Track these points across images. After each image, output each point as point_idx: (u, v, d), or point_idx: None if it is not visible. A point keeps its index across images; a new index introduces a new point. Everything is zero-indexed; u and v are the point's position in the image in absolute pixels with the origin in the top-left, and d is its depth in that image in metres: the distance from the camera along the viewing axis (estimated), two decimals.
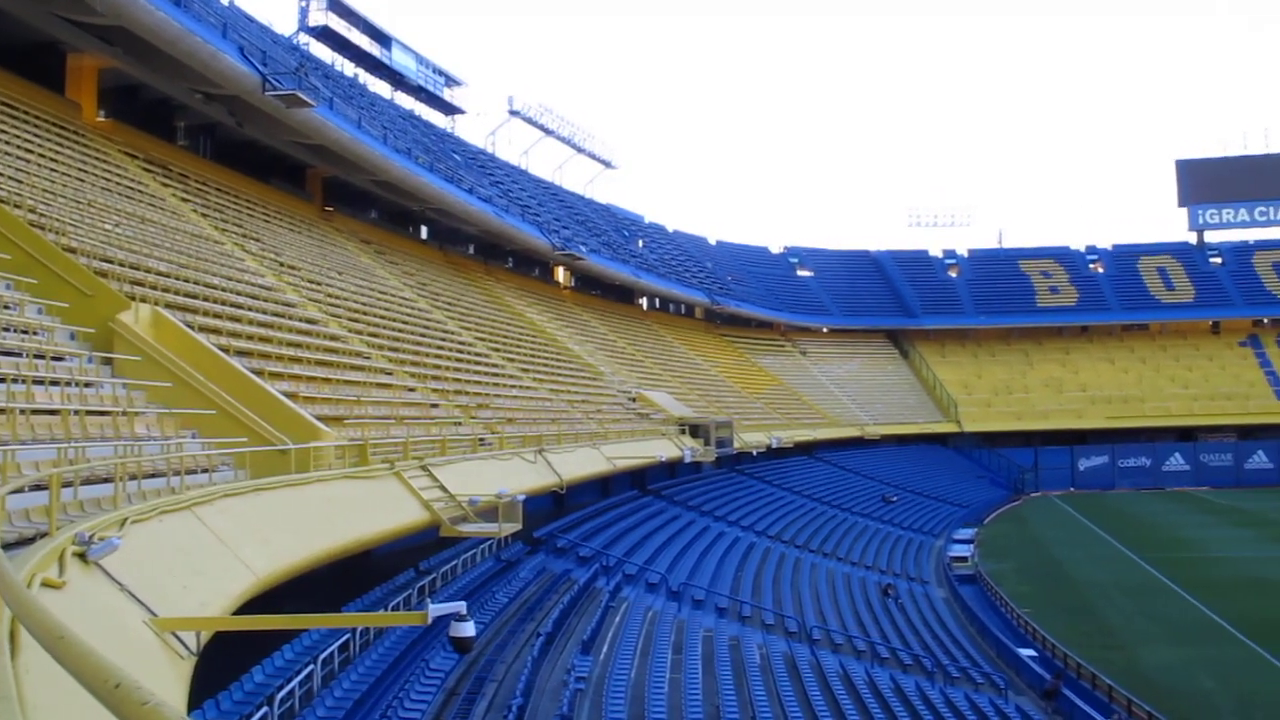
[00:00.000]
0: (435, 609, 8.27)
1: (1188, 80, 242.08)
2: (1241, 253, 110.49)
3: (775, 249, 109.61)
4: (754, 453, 56.56)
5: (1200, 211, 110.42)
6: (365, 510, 16.45)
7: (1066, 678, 29.43)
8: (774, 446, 58.09)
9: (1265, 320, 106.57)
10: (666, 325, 75.93)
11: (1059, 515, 72.60)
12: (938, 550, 55.50)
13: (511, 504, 19.87)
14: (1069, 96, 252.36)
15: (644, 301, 77.24)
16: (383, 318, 31.84)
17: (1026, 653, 33.01)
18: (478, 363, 35.92)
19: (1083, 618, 38.72)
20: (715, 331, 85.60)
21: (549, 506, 33.15)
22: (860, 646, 32.14)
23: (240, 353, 19.63)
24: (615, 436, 37.11)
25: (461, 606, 8.68)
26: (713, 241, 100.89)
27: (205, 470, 13.87)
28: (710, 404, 57.82)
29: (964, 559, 50.40)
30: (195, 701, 11.43)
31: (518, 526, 20.69)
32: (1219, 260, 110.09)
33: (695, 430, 46.04)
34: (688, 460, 43.24)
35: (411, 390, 27.35)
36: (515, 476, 23.39)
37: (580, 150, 78.20)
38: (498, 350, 39.45)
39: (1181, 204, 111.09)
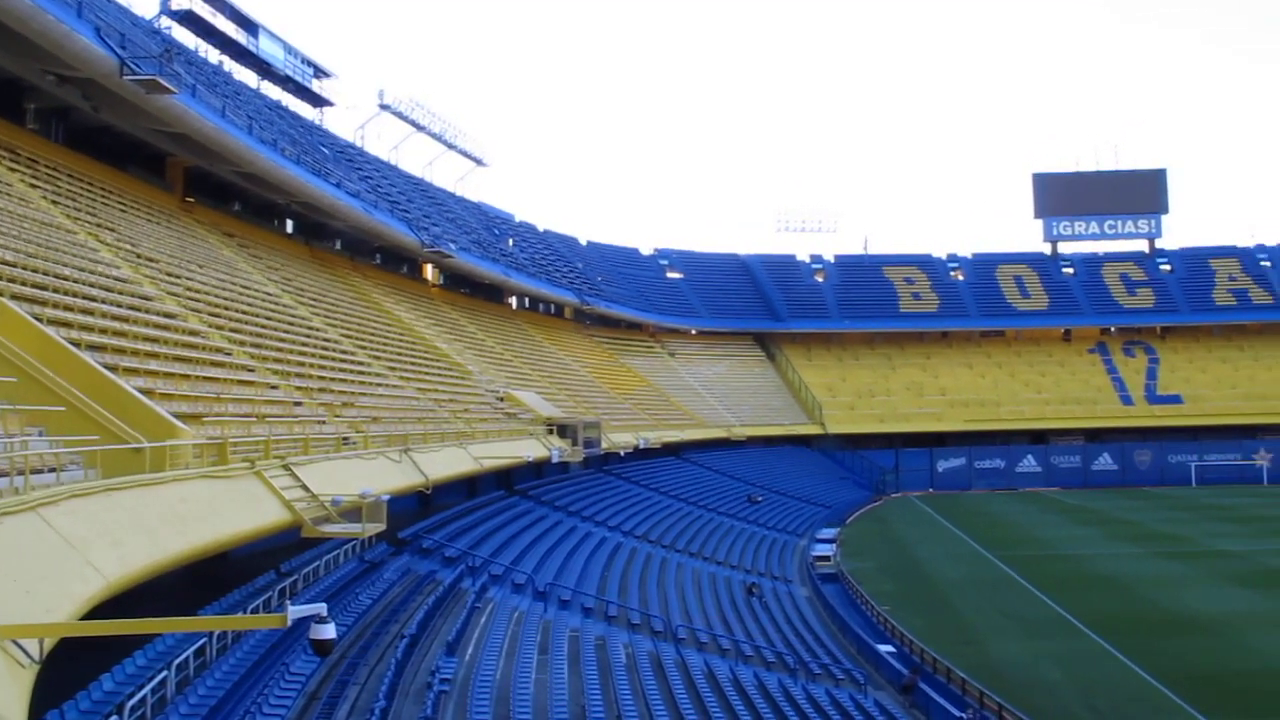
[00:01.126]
0: (295, 611, 8.09)
1: (1047, 97, 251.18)
2: (1092, 264, 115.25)
3: (646, 250, 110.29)
4: (622, 453, 56.78)
5: (1055, 223, 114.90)
6: (224, 511, 15.99)
7: (923, 672, 30.26)
8: (642, 447, 58.39)
9: (1113, 329, 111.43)
10: (536, 325, 75.70)
11: (918, 515, 74.61)
12: (801, 550, 56.51)
13: (375, 504, 19.56)
14: (933, 109, 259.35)
15: (514, 301, 76.84)
16: (245, 313, 31.00)
17: (885, 649, 33.86)
18: (343, 360, 35.26)
19: (939, 614, 39.89)
20: (585, 332, 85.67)
21: (414, 507, 32.75)
22: (725, 645, 32.50)
23: (93, 347, 18.89)
24: (483, 436, 36.85)
25: (322, 608, 8.51)
26: (583, 242, 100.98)
27: (53, 470, 13.29)
28: (579, 404, 57.83)
29: (826, 558, 51.43)
30: (38, 711, 10.94)
31: (382, 527, 20.39)
32: (1071, 271, 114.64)
33: (563, 430, 45.98)
34: (555, 460, 43.16)
35: (274, 388, 26.71)
36: (380, 476, 23.04)
37: (451, 147, 77.40)
38: (364, 348, 38.79)
39: (1037, 216, 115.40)
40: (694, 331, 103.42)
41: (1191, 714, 26.20)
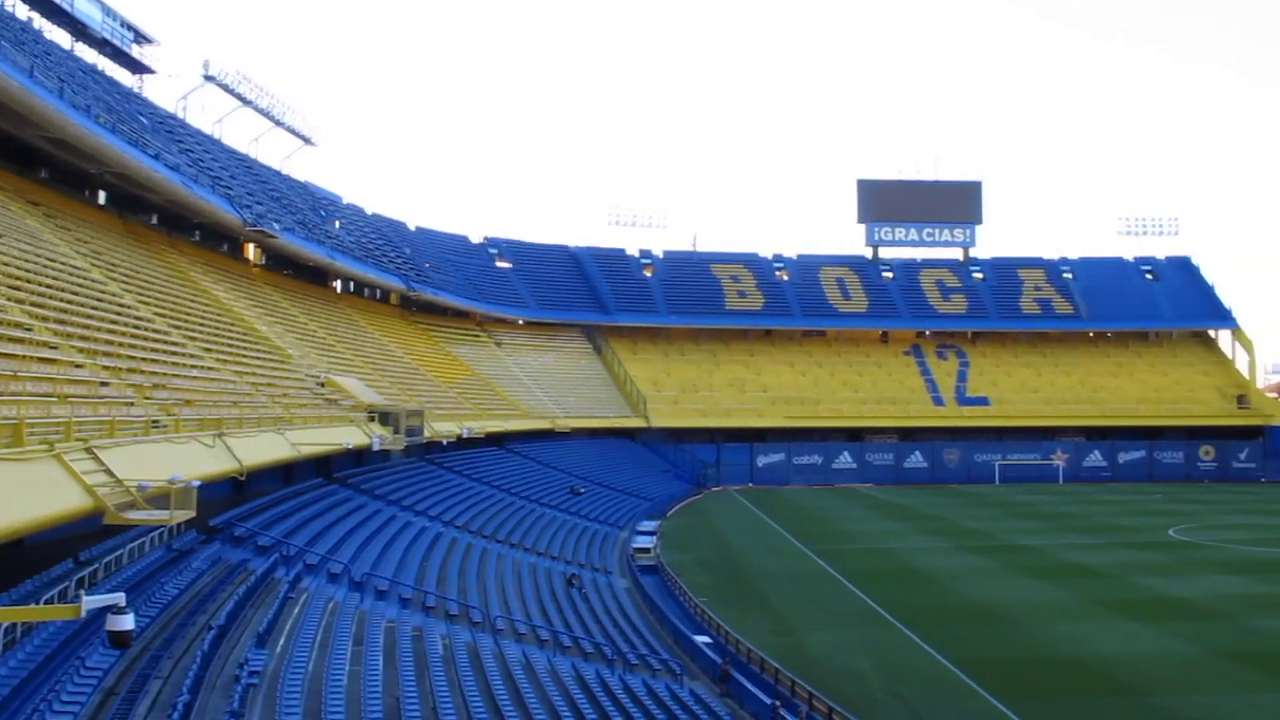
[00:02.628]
0: (90, 601, 7.73)
1: (875, 105, 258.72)
2: (910, 269, 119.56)
3: (475, 239, 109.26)
4: (445, 442, 56.18)
5: (876, 229, 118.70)
6: (17, 495, 15.11)
7: (737, 662, 30.87)
8: (465, 437, 57.92)
9: (927, 332, 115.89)
10: (361, 310, 74.14)
11: (738, 509, 76.11)
12: (622, 541, 56.95)
13: (185, 490, 18.81)
14: (766, 112, 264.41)
15: (338, 284, 75.05)
16: (49, 287, 29.39)
17: (702, 639, 34.45)
18: (156, 340, 33.79)
19: (755, 605, 40.80)
20: (411, 319, 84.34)
21: (228, 494, 31.68)
22: (544, 636, 32.52)
23: None
24: (301, 422, 35.88)
25: (120, 598, 8.16)
26: (412, 227, 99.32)
27: None
28: (402, 392, 56.91)
29: (647, 550, 51.95)
30: None
31: (191, 514, 19.60)
32: (890, 275, 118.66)
33: (385, 418, 45.16)
34: (376, 448, 42.36)
35: (79, 367, 25.41)
36: (191, 461, 22.20)
37: (279, 123, 75.03)
38: (179, 328, 37.28)
39: (860, 220, 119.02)
40: (522, 322, 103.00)
41: (986, 697, 27.50)
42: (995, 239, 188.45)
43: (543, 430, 79.41)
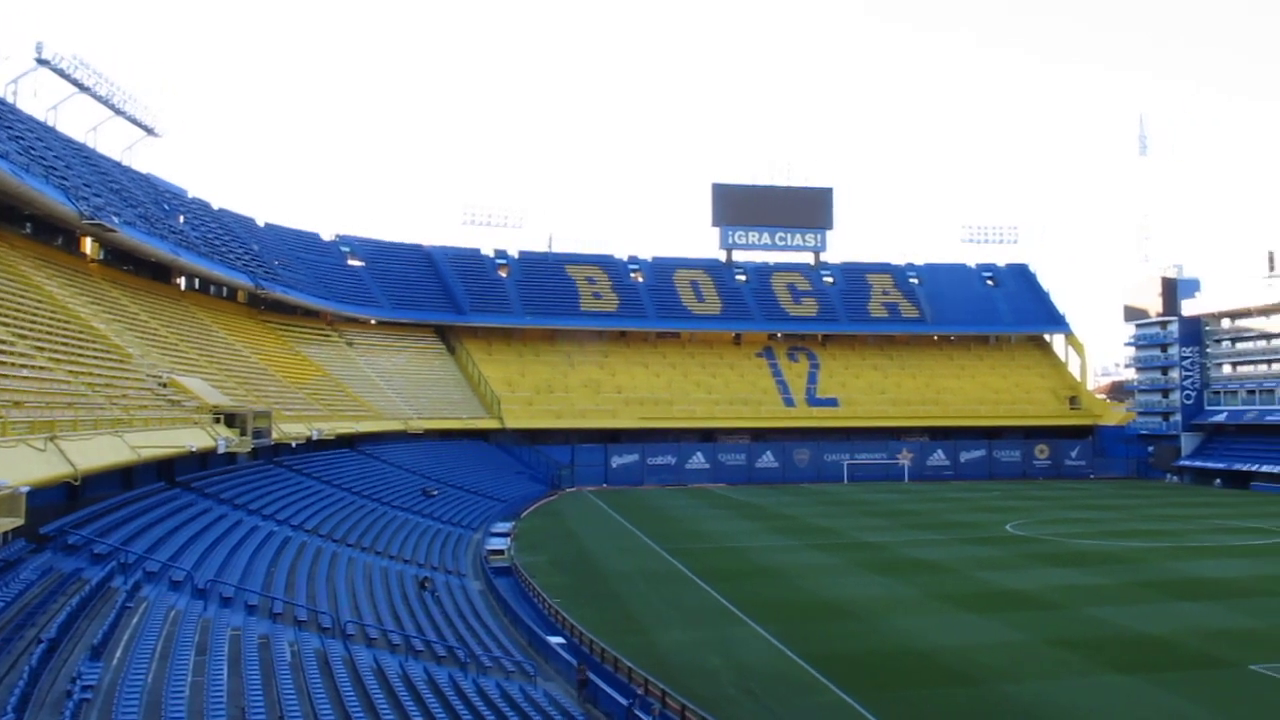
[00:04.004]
0: None
1: (732, 111, 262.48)
2: (763, 273, 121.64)
3: (327, 236, 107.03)
4: (294, 445, 54.87)
5: (730, 232, 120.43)
6: None
7: (591, 662, 30.88)
8: (315, 439, 56.71)
9: (779, 335, 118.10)
10: (206, 308, 71.80)
11: (592, 510, 76.26)
12: (476, 543, 56.50)
13: (13, 497, 17.96)
14: (623, 114, 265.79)
15: (182, 281, 72.51)
16: None
17: (556, 640, 34.39)
18: None
19: (609, 605, 40.91)
20: (259, 317, 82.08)
21: (61, 500, 30.29)
22: (396, 640, 32.00)
23: None
24: (142, 424, 34.57)
25: None
26: (261, 223, 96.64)
27: None
28: (249, 393, 55.33)
29: (500, 552, 51.70)
30: None
31: (19, 521, 18.72)
32: (744, 278, 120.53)
33: (232, 420, 43.85)
34: (222, 451, 41.09)
35: None
36: (20, 466, 21.16)
37: (119, 112, 72.04)
38: (6, 325, 35.52)
39: (714, 224, 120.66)
40: (374, 321, 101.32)
41: (835, 691, 28.12)
42: (846, 244, 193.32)
43: (395, 431, 78.23)
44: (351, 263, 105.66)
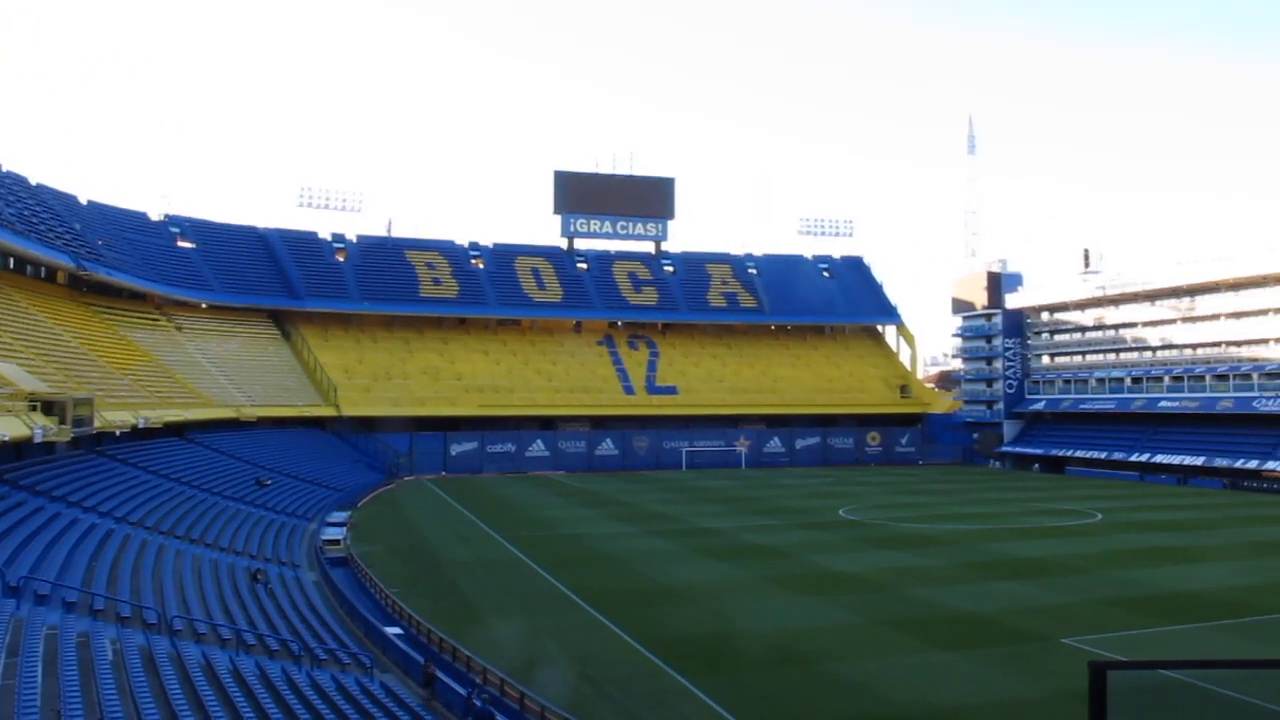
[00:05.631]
0: None
1: (575, 100, 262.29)
2: (604, 261, 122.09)
3: (155, 216, 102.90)
4: (118, 433, 52.70)
5: (572, 220, 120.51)
6: None
7: (430, 652, 30.57)
8: (141, 427, 54.62)
9: (619, 323, 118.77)
10: (23, 290, 68.22)
11: (431, 498, 75.52)
12: (311, 534, 55.30)
13: None
14: (466, 100, 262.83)
15: None
16: None
17: (393, 631, 33.94)
18: None
19: (448, 595, 40.59)
20: (81, 300, 78.40)
21: None
22: (226, 635, 31.08)
23: None
24: None
25: None
26: (84, 201, 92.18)
27: None
28: (70, 379, 52.90)
29: (336, 542, 50.76)
30: None
31: None
32: (585, 266, 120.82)
33: (50, 407, 41.85)
34: (39, 440, 39.22)
35: None
36: None
37: None
38: None
39: (556, 211, 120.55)
40: (205, 305, 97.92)
41: (673, 675, 28.49)
42: (687, 235, 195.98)
43: (227, 419, 75.85)
44: (181, 244, 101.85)
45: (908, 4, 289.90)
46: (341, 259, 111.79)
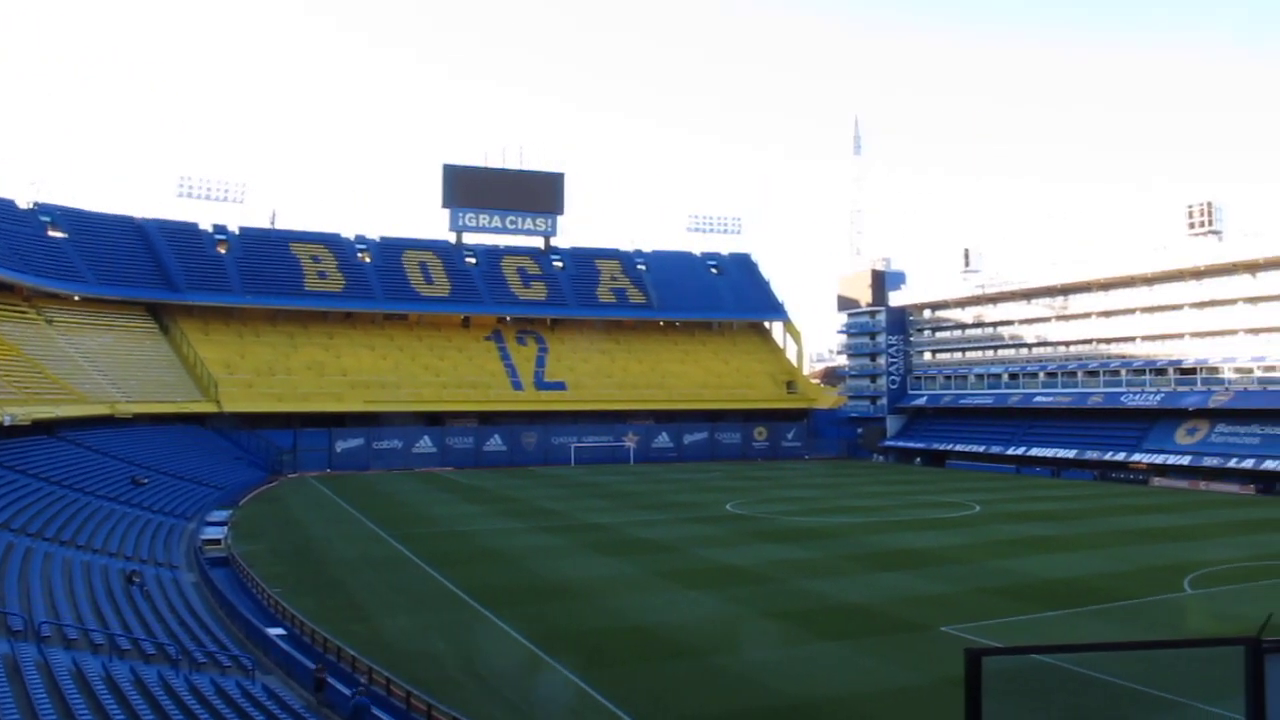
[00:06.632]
0: None
1: (464, 94, 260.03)
2: (493, 255, 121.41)
3: (24, 204, 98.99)
4: None
5: (460, 214, 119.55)
6: None
7: (315, 654, 30.03)
8: (7, 424, 52.71)
9: (508, 318, 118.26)
10: None
11: (315, 496, 74.25)
12: (190, 533, 53.90)
13: None
14: (353, 91, 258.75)
15: None
16: None
17: (275, 632, 33.24)
18: None
19: (333, 594, 39.91)
20: None
21: None
22: (98, 640, 30.10)
23: None
24: None
25: None
26: None
27: None
28: None
29: (216, 541, 49.58)
30: None
31: None
32: (474, 260, 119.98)
33: None
34: None
35: None
36: None
37: None
38: None
39: (445, 205, 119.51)
40: (78, 298, 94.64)
41: (560, 670, 28.44)
42: (576, 230, 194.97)
43: (101, 416, 73.47)
44: (53, 234, 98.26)
45: None
46: (223, 251, 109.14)
